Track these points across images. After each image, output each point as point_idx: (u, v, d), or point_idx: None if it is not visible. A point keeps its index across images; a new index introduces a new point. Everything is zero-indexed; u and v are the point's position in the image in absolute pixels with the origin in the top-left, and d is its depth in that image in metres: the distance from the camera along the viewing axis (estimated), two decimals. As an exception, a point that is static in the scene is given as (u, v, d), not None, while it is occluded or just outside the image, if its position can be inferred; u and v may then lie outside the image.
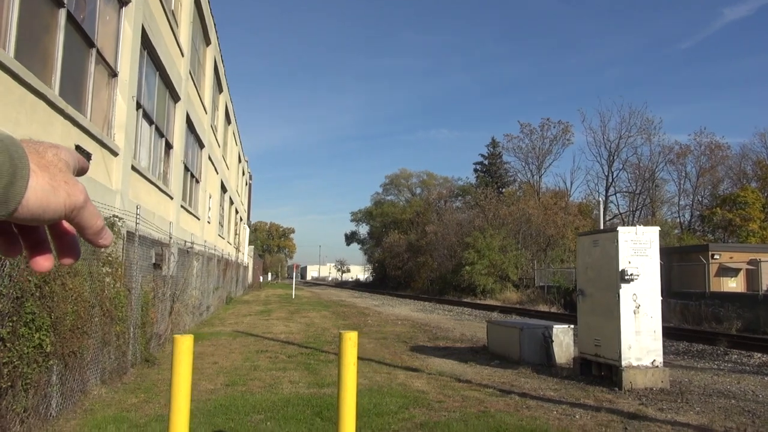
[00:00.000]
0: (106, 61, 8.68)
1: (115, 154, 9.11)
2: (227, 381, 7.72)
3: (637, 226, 8.14)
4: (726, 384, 8.39)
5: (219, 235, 25.91)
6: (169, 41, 12.82)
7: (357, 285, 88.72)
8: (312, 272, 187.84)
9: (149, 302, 9.72)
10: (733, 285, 25.55)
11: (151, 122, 12.02)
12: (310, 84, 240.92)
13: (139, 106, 10.90)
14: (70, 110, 6.94)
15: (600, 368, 8.32)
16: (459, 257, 42.81)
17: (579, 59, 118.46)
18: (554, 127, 54.01)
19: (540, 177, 56.39)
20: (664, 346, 13.17)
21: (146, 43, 10.87)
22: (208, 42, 20.04)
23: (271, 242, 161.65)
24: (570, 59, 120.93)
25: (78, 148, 7.42)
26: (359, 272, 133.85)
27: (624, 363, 7.77)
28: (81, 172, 0.70)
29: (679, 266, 26.56)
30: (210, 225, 22.67)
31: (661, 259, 27.87)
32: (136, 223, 8.98)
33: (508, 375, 8.71)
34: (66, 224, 0.69)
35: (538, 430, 5.48)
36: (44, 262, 0.69)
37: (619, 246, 7.94)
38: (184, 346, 3.45)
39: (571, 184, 57.43)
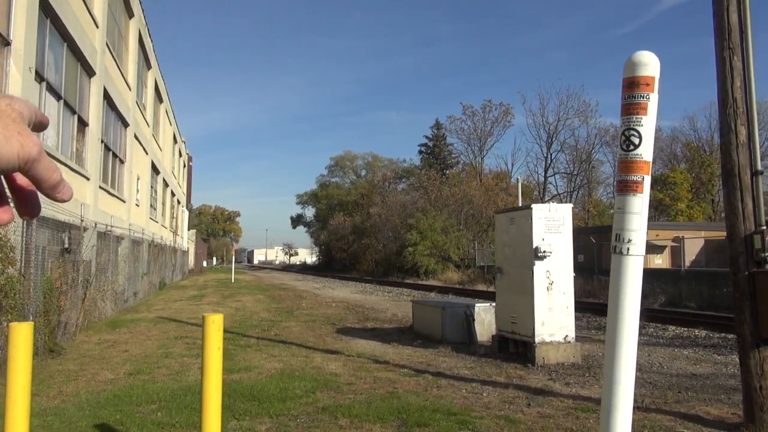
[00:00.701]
0: (-7, 28, 7.99)
1: (8, 130, 8.44)
2: (132, 370, 7.34)
3: (550, 203, 8.16)
4: (637, 357, 8.58)
5: (151, 219, 25.00)
6: (79, 10, 12.02)
7: (303, 268, 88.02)
8: (259, 256, 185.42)
9: (54, 289, 9.14)
10: (659, 262, 26.59)
11: (58, 97, 11.27)
12: (256, 63, 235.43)
13: (41, 78, 10.19)
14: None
15: (516, 345, 8.36)
16: (402, 239, 42.95)
17: (522, 41, 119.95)
18: (496, 109, 54.78)
19: (482, 158, 57.19)
20: (585, 322, 13.60)
21: (48, 11, 10.12)
22: (131, 14, 19.05)
23: (216, 226, 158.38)
24: (514, 40, 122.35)
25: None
26: (307, 255, 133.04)
27: (537, 339, 7.82)
28: (39, 126, 0.69)
29: (607, 244, 27.38)
30: (139, 208, 21.83)
31: (591, 237, 28.66)
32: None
33: (428, 354, 8.65)
34: (23, 178, 0.67)
35: (441, 409, 5.39)
36: (2, 215, 0.67)
37: (533, 223, 7.94)
38: (21, 335, 3.11)
39: (512, 165, 58.33)
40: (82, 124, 13.18)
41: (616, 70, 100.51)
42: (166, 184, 31.98)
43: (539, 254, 7.84)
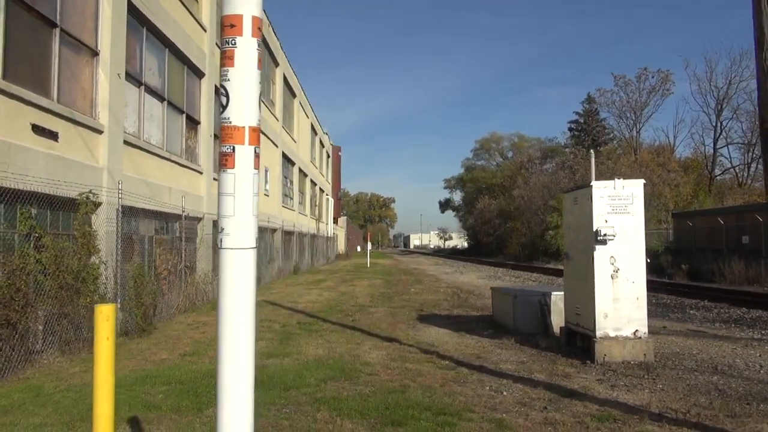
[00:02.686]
0: (78, 40, 8.88)
1: (98, 131, 9.38)
2: (189, 351, 7.80)
3: (617, 179, 7.13)
4: (728, 356, 7.25)
5: (284, 207, 26.50)
6: (179, 17, 12.95)
7: (453, 252, 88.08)
8: (415, 241, 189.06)
9: (145, 274, 10.00)
10: None
11: (162, 99, 12.29)
12: (412, 48, 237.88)
13: (139, 83, 11.16)
14: (15, 89, 7.15)
15: (583, 339, 7.49)
16: (546, 221, 41.04)
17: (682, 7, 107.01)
18: (653, 77, 49.69)
19: (638, 132, 52.41)
20: (716, 313, 11.83)
21: (141, 20, 11.04)
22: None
23: (372, 212, 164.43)
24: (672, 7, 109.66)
25: (35, 127, 7.68)
26: (459, 240, 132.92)
27: (599, 333, 6.92)
28: None
29: (781, 223, 23.57)
30: (269, 197, 23.20)
31: (758, 216, 25.23)
32: (119, 198, 9.21)
33: (486, 345, 8.10)
34: None
35: (434, 408, 4.97)
36: None
37: (593, 203, 7.01)
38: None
39: (675, 138, 52.66)
40: (193, 122, 14.27)
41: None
42: (304, 174, 33.72)
43: (599, 237, 6.91)
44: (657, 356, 7.22)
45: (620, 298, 6.94)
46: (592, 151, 9.06)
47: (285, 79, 27.29)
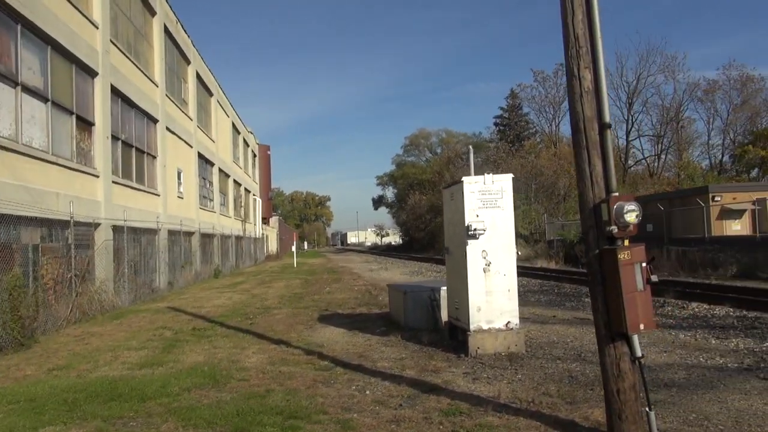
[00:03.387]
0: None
1: (-39, 135, 8.77)
2: (60, 365, 7.41)
3: (486, 174, 7.30)
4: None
5: (203, 209, 25.83)
6: (62, 13, 12.30)
7: (387, 249, 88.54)
8: (352, 238, 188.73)
9: (22, 286, 9.44)
10: (737, 228, 23.92)
11: (45, 99, 11.65)
12: (343, 46, 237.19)
13: (15, 83, 10.54)
14: None
15: (462, 333, 7.62)
16: (469, 215, 41.87)
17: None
18: (569, 73, 51.42)
19: (557, 126, 54.28)
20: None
21: (12, 15, 10.41)
22: (152, 12, 19.49)
23: (308, 211, 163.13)
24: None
25: None
26: (394, 236, 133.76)
27: (473, 326, 7.06)
28: None
29: (681, 211, 25.03)
30: (183, 200, 22.55)
31: (659, 204, 26.71)
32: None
33: (373, 343, 8.13)
34: None
35: (287, 412, 4.91)
36: None
37: (464, 198, 7.15)
38: None
39: (592, 131, 54.78)
40: (86, 123, 13.61)
41: (704, 22, 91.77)
42: (225, 174, 32.97)
43: (470, 232, 7.04)
44: (531, 346, 7.45)
45: (493, 291, 7.11)
46: (470, 147, 9.26)
47: (199, 77, 26.56)
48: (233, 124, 36.43)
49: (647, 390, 3.96)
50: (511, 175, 7.37)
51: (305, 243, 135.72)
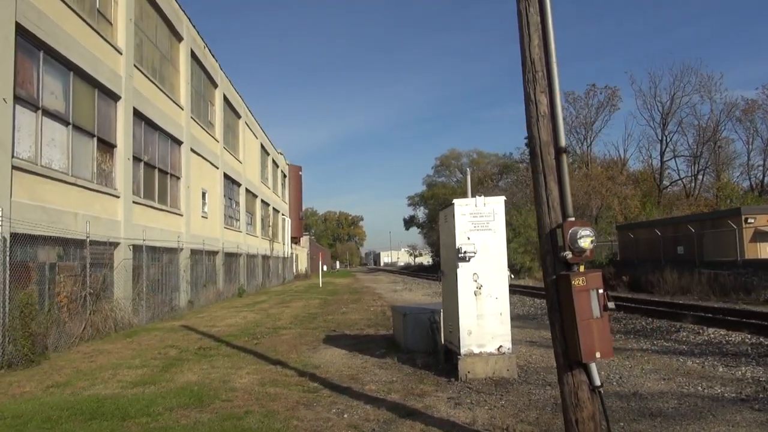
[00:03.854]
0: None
1: (-21, 158, 9.16)
2: (60, 382, 7.58)
3: (478, 197, 7.24)
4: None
5: (228, 228, 26.24)
6: (85, 40, 12.81)
7: (419, 269, 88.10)
8: (385, 258, 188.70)
9: (34, 303, 9.73)
10: (773, 251, 23.01)
11: (66, 123, 12.10)
12: (379, 66, 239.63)
13: (35, 107, 10.98)
14: None
15: (455, 356, 7.52)
16: (497, 236, 41.49)
17: (630, 24, 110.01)
18: (600, 93, 50.96)
19: (589, 147, 53.50)
20: (621, 324, 12.04)
21: (35, 42, 10.89)
22: (179, 38, 20.12)
23: (341, 231, 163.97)
24: (621, 25, 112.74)
25: None
26: (428, 257, 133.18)
27: (463, 350, 6.97)
28: None
29: (712, 233, 24.27)
30: (208, 219, 22.97)
31: (689, 226, 25.90)
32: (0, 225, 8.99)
33: (369, 365, 8.08)
34: None
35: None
36: None
37: (456, 220, 7.10)
38: None
39: (625, 152, 53.96)
40: (107, 145, 14.06)
41: (747, 41, 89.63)
42: (253, 195, 33.49)
43: (460, 255, 6.98)
44: (527, 370, 7.30)
45: (484, 315, 7.01)
46: (468, 169, 9.19)
47: (226, 100, 27.19)
48: (262, 146, 37.08)
49: (608, 420, 3.83)
50: (503, 198, 7.29)
51: (337, 263, 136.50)
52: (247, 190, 31.33)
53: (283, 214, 45.83)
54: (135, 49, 15.82)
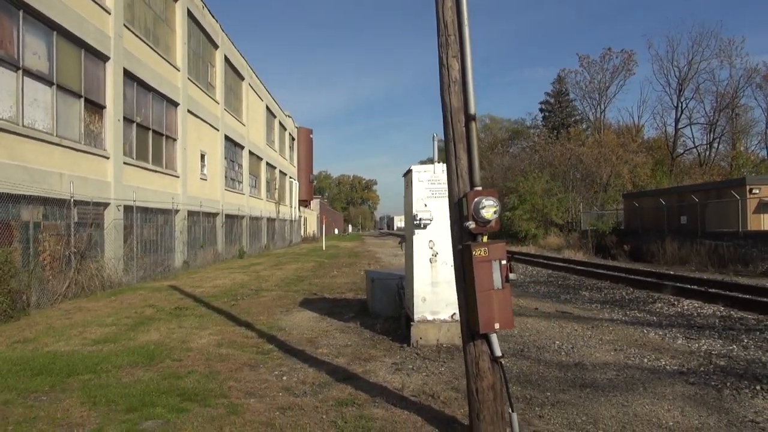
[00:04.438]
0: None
1: (-45, 117, 9.22)
2: (28, 338, 7.77)
3: (437, 163, 7.16)
4: (557, 338, 7.36)
5: (229, 190, 26.35)
6: (70, -1, 12.71)
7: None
8: (398, 222, 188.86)
9: (12, 261, 9.90)
10: (776, 222, 22.61)
11: (50, 83, 12.10)
12: (390, 29, 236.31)
13: (16, 67, 10.98)
14: None
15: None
16: (504, 203, 41.29)
17: None
18: (616, 57, 49.72)
19: (602, 113, 52.52)
20: (602, 294, 12.00)
21: (14, 1, 10.82)
22: (174, -2, 19.88)
23: (354, 194, 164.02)
24: None
25: None
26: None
27: (417, 317, 7.00)
28: None
29: (716, 204, 23.88)
30: (207, 182, 23.07)
31: (695, 196, 25.54)
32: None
33: (332, 329, 8.17)
34: None
35: (188, 393, 5.01)
36: None
37: (413, 187, 7.05)
38: None
39: (639, 118, 52.89)
40: (96, 106, 14.08)
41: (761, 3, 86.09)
42: (258, 158, 33.52)
43: (416, 221, 6.95)
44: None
45: (439, 282, 7.01)
46: (434, 134, 9.07)
47: (228, 61, 26.97)
48: (267, 108, 36.89)
49: (509, 391, 3.83)
50: (462, 165, 7.18)
51: (350, 226, 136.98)
52: (251, 153, 31.34)
53: (291, 177, 45.90)
54: (125, 9, 15.66)
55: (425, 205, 7.00)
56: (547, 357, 6.39)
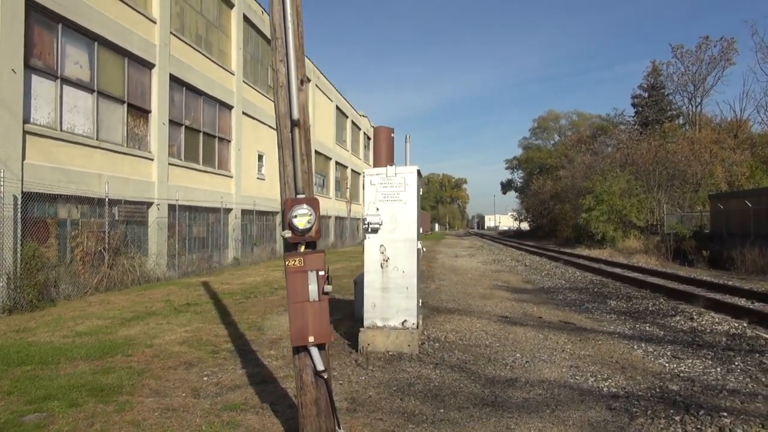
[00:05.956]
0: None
1: (-12, 124, 10.17)
2: (32, 327, 8.42)
3: (390, 166, 6.97)
4: (519, 351, 6.93)
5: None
6: (111, 11, 13.58)
7: (515, 235, 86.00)
8: (489, 222, 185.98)
9: (41, 255, 10.77)
10: None
11: (91, 90, 13.03)
12: (485, 26, 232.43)
13: (54, 77, 11.92)
14: None
15: (375, 328, 7.42)
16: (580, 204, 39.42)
17: None
18: (714, 46, 45.94)
19: (698, 105, 48.75)
20: (630, 304, 11.14)
21: (51, 16, 11.74)
22: (230, 4, 20.69)
23: (443, 193, 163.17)
24: None
25: None
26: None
27: (366, 323, 6.87)
28: None
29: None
30: (266, 181, 23.87)
31: (746, 201, 23.11)
32: (1, 185, 9.98)
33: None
34: None
35: (100, 388, 5.23)
36: None
37: (366, 190, 6.92)
38: None
39: (742, 112, 48.56)
40: (140, 111, 14.98)
41: None
42: (326, 157, 34.22)
43: (365, 225, 6.82)
44: (445, 348, 7.08)
45: (390, 288, 6.84)
46: (407, 135, 8.83)
47: (291, 64, 27.67)
48: (338, 108, 37.52)
49: (334, 406, 3.68)
50: (416, 167, 6.96)
51: (436, 225, 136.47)
52: (317, 153, 32.03)
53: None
54: (174, 17, 16.53)
55: (377, 209, 6.85)
56: (488, 371, 6.05)
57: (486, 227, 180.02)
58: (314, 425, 3.60)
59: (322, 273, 3.52)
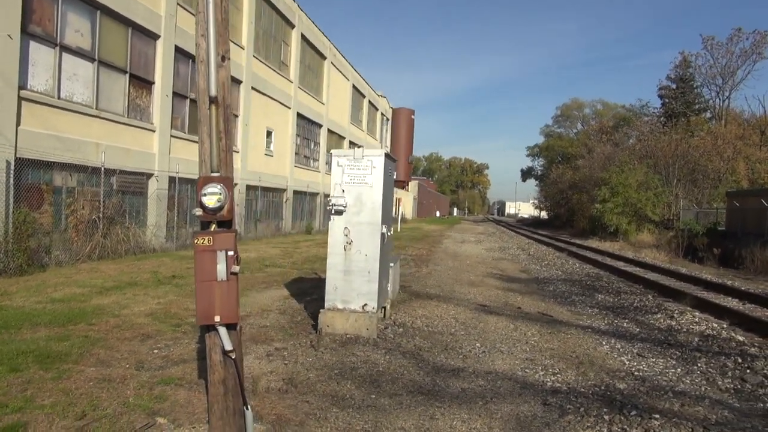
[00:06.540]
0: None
1: (-17, 89, 10.29)
2: (12, 292, 8.58)
3: (358, 148, 6.89)
4: (480, 340, 6.87)
5: (299, 167, 27.10)
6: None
7: (533, 223, 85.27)
8: (510, 209, 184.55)
9: (27, 222, 10.88)
10: None
11: (91, 59, 13.10)
12: (516, 9, 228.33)
13: (54, 44, 11.99)
14: None
15: (340, 310, 7.41)
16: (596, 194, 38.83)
17: None
18: (747, 39, 44.55)
19: (726, 99, 47.46)
20: (618, 299, 10.97)
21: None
22: (242, -22, 20.57)
23: (464, 178, 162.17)
24: None
25: None
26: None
27: (327, 305, 6.87)
28: None
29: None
30: (274, 158, 23.91)
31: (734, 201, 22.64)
32: (-6, 151, 10.12)
33: (274, 309, 8.23)
34: None
35: (58, 358, 5.31)
36: None
37: (333, 171, 6.86)
38: None
39: (771, 108, 47.07)
40: (143, 82, 15.04)
41: None
42: (339, 136, 34.13)
43: (329, 207, 6.78)
44: (405, 334, 7.05)
45: (352, 271, 6.81)
46: (387, 119, 8.68)
47: (306, 40, 27.52)
48: (354, 87, 37.30)
49: (242, 386, 3.67)
50: (383, 151, 6.88)
51: (455, 209, 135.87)
52: (330, 131, 31.94)
53: (380, 157, 46.23)
54: (180, -11, 16.48)
55: (343, 191, 6.80)
56: (439, 359, 6.00)
57: (506, 214, 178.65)
58: (221, 404, 3.60)
59: (231, 253, 3.49)
